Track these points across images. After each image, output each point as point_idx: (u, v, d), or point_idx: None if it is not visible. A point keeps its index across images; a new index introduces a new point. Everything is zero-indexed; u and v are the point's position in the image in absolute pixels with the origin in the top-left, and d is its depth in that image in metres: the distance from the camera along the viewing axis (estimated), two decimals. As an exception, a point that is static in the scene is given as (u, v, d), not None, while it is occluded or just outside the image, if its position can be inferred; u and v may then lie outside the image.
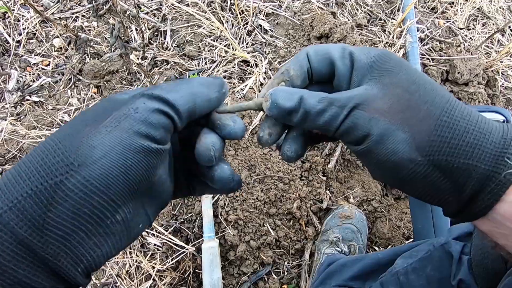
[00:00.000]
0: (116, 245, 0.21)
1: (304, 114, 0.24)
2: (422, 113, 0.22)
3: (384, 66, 0.24)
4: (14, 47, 1.00)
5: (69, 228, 0.19)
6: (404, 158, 0.22)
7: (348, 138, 0.24)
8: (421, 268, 0.50)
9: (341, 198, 0.87)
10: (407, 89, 0.23)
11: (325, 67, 0.26)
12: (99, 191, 0.19)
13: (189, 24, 1.06)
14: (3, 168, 0.86)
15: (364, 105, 0.23)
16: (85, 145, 0.19)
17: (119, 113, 0.21)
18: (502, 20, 1.21)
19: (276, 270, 0.81)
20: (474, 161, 0.21)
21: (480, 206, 0.22)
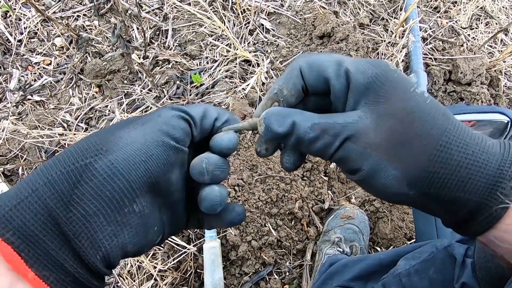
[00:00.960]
0: (133, 239, 0.22)
1: (297, 140, 0.24)
2: (415, 148, 0.22)
3: (381, 91, 0.23)
4: (16, 46, 1.00)
5: (91, 209, 0.21)
6: (396, 192, 0.23)
7: (342, 167, 0.25)
8: (424, 270, 0.50)
9: (343, 198, 0.87)
10: (402, 121, 0.22)
11: (321, 84, 0.25)
12: (121, 174, 0.21)
13: (191, 23, 1.05)
14: (5, 167, 0.86)
15: (356, 137, 0.22)
16: (114, 136, 0.23)
17: (145, 117, 0.25)
18: (505, 19, 1.21)
19: (277, 270, 0.81)
20: (466, 194, 0.22)
21: (474, 230, 0.22)
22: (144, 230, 0.23)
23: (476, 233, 0.22)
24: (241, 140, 0.89)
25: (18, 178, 0.87)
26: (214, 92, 0.96)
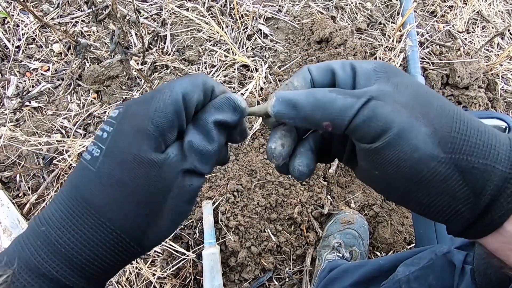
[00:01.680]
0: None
1: (314, 102, 0.22)
2: (438, 109, 0.21)
3: (388, 69, 0.24)
4: (14, 53, 1.00)
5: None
6: (426, 154, 0.20)
7: (362, 131, 0.22)
8: (423, 276, 0.50)
9: (342, 203, 0.87)
10: (418, 89, 0.22)
11: (327, 77, 0.25)
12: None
13: (189, 28, 1.06)
14: (2, 174, 0.86)
15: (383, 97, 0.21)
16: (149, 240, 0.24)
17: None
18: (501, 23, 1.22)
19: (277, 276, 0.81)
20: (491, 161, 0.20)
21: (498, 213, 0.20)
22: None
23: (498, 222, 0.21)
24: (240, 146, 0.89)
25: (16, 185, 0.87)
26: (213, 97, 0.96)
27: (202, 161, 0.24)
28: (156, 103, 0.22)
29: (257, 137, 0.91)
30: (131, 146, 0.22)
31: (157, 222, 0.23)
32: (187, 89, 0.23)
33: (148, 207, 0.23)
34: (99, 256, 0.22)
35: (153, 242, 0.24)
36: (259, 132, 0.92)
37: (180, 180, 0.23)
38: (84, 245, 0.22)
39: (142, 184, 0.22)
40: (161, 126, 0.22)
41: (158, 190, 0.23)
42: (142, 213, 0.23)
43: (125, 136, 0.22)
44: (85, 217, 0.22)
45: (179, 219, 0.24)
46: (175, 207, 0.24)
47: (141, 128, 0.22)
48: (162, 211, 0.23)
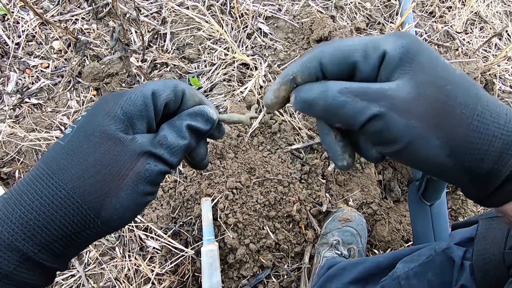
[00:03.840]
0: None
1: (325, 106, 0.22)
2: (456, 117, 0.21)
3: (417, 59, 0.21)
4: (13, 49, 1.00)
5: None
6: (435, 163, 0.22)
7: (373, 138, 0.23)
8: (423, 273, 0.50)
9: (340, 201, 0.87)
10: (443, 90, 0.21)
11: (344, 70, 0.23)
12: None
13: (189, 27, 1.06)
14: (1, 170, 0.85)
15: (397, 109, 0.21)
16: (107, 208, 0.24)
17: (130, 177, 0.24)
18: (499, 24, 1.23)
19: (275, 273, 0.80)
20: (500, 166, 0.22)
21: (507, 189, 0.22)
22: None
23: (508, 195, 0.22)
24: (239, 143, 0.90)
25: (15, 181, 0.86)
26: (212, 95, 0.97)
27: (170, 153, 0.25)
28: (127, 95, 0.25)
29: (256, 135, 0.91)
30: (101, 123, 0.24)
31: (116, 195, 0.23)
32: (157, 87, 0.26)
33: (108, 177, 0.23)
34: (53, 221, 0.22)
35: (112, 217, 0.24)
36: (258, 130, 0.92)
37: (144, 159, 0.24)
38: (39, 208, 0.22)
39: (105, 156, 0.23)
40: (129, 113, 0.25)
41: (120, 164, 0.24)
42: (101, 182, 0.23)
43: (96, 117, 0.24)
44: (45, 182, 0.22)
45: (139, 198, 0.24)
46: (135, 184, 0.24)
47: (111, 112, 0.24)
48: (122, 185, 0.24)
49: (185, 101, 0.28)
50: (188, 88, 0.28)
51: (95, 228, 0.23)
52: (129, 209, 0.24)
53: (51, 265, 0.23)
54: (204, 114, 0.27)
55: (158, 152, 0.25)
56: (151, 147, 0.25)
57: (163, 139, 0.25)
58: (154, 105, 0.26)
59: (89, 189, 0.23)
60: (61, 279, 0.76)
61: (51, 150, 0.24)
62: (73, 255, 0.25)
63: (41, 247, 0.22)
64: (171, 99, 0.27)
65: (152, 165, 0.25)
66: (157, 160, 0.25)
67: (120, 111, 0.24)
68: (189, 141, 0.26)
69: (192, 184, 0.84)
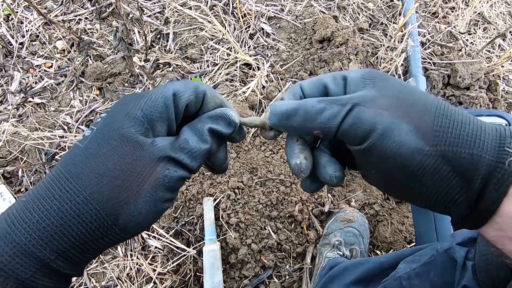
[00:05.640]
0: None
1: (304, 114, 0.24)
2: (420, 108, 0.23)
3: (374, 75, 0.26)
4: (17, 49, 1.01)
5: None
6: (412, 148, 0.22)
7: (351, 135, 0.24)
8: (425, 273, 0.50)
9: (342, 202, 0.87)
10: (401, 91, 0.24)
11: (319, 91, 0.27)
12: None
13: (192, 27, 1.06)
14: (5, 169, 0.86)
15: (366, 102, 0.24)
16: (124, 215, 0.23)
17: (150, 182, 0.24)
18: (502, 25, 1.22)
19: (277, 273, 0.80)
20: (478, 151, 0.21)
21: (488, 201, 0.21)
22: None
23: (489, 210, 0.22)
24: (241, 143, 0.90)
25: (18, 180, 0.87)
26: (215, 95, 0.97)
27: (191, 157, 0.24)
28: (148, 96, 0.24)
29: (258, 135, 0.91)
30: (120, 126, 0.23)
31: (135, 201, 0.23)
32: (178, 88, 0.25)
33: (126, 183, 0.22)
34: (71, 227, 0.21)
35: (129, 224, 0.23)
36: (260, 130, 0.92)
37: (164, 165, 0.23)
38: (57, 213, 0.21)
39: (124, 160, 0.23)
40: (149, 115, 0.24)
41: (139, 169, 0.23)
42: (120, 188, 0.22)
43: (115, 119, 0.24)
44: (64, 187, 0.22)
45: (157, 205, 0.24)
46: (154, 191, 0.23)
47: (131, 113, 0.24)
48: (140, 192, 0.23)
49: (205, 102, 0.27)
50: (209, 90, 0.27)
51: (112, 236, 0.23)
52: (147, 216, 0.23)
53: (68, 272, 0.23)
54: (226, 117, 0.26)
55: (178, 157, 0.24)
56: (171, 152, 0.24)
57: (184, 143, 0.24)
58: (175, 106, 0.25)
59: (107, 195, 0.22)
60: (63, 278, 0.76)
61: (70, 152, 0.24)
62: (89, 261, 0.24)
63: (58, 254, 0.22)
64: (192, 101, 0.26)
65: (172, 170, 0.24)
66: (177, 165, 0.24)
67: (140, 112, 0.23)
68: (210, 145, 0.25)
69: (194, 184, 0.84)
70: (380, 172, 0.24)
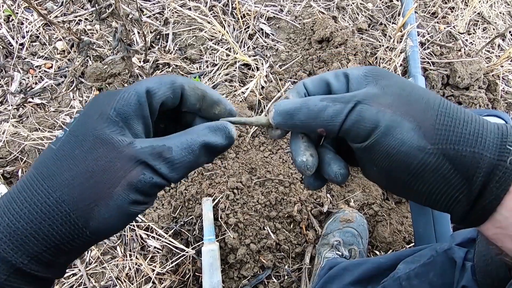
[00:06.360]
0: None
1: (307, 112, 0.25)
2: (422, 106, 0.23)
3: (377, 73, 0.26)
4: (17, 50, 1.01)
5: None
6: (413, 147, 0.22)
7: (353, 133, 0.24)
8: (424, 273, 0.49)
9: (341, 202, 0.87)
10: (404, 88, 0.24)
11: (322, 88, 0.27)
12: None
13: (191, 27, 1.06)
14: (4, 169, 0.86)
15: (368, 100, 0.24)
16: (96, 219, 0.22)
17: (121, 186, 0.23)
18: (502, 25, 1.22)
19: (276, 273, 0.80)
20: (479, 149, 0.21)
21: (489, 198, 0.21)
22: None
23: (490, 208, 0.22)
24: (240, 143, 0.90)
25: (18, 180, 0.87)
26: (214, 95, 0.97)
27: (171, 168, 0.23)
28: (121, 93, 0.24)
29: (257, 135, 0.91)
30: (94, 127, 0.22)
31: (105, 203, 0.22)
32: (152, 84, 0.24)
33: (98, 185, 0.22)
34: (41, 230, 0.21)
35: (100, 225, 0.22)
36: (259, 131, 0.92)
37: (140, 169, 0.22)
38: (27, 216, 0.21)
39: (97, 162, 0.22)
40: (122, 114, 0.23)
41: (112, 171, 0.22)
42: (90, 189, 0.22)
43: (88, 120, 0.23)
44: (35, 189, 0.21)
45: (129, 209, 0.23)
46: (126, 193, 0.22)
47: (104, 112, 0.23)
48: (112, 194, 0.22)
49: (186, 96, 0.26)
50: (187, 83, 0.26)
51: (84, 238, 0.22)
52: (119, 218, 0.23)
53: (43, 275, 0.22)
54: (226, 130, 0.25)
55: (155, 166, 0.22)
56: (149, 157, 0.22)
57: (166, 152, 0.23)
58: (149, 103, 0.24)
59: (78, 197, 0.21)
60: (62, 278, 0.76)
61: (43, 155, 0.23)
62: (67, 263, 0.24)
63: (30, 258, 0.21)
64: (169, 97, 0.25)
65: (148, 176, 0.22)
66: (154, 173, 0.23)
67: (113, 112, 0.23)
68: (197, 159, 0.24)
69: (193, 184, 0.84)
70: (381, 170, 0.24)
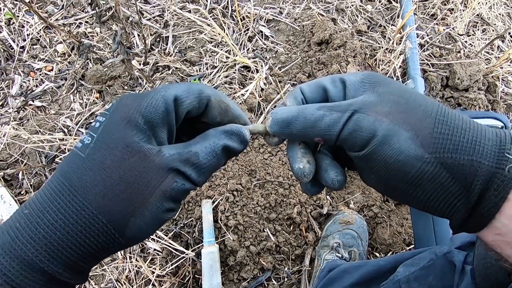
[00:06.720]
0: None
1: (304, 122, 0.24)
2: (419, 114, 0.23)
3: (374, 80, 0.26)
4: (18, 53, 1.02)
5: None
6: (411, 156, 0.22)
7: (351, 142, 0.24)
8: (423, 277, 0.49)
9: (341, 204, 0.87)
10: (401, 96, 0.24)
11: (319, 94, 0.27)
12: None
13: (191, 30, 1.07)
14: (5, 172, 0.86)
15: (365, 109, 0.24)
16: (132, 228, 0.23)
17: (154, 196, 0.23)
18: (501, 26, 1.22)
19: (276, 275, 0.80)
20: (477, 157, 0.21)
21: (488, 206, 0.21)
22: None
23: (488, 216, 0.22)
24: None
25: (18, 183, 0.87)
26: (214, 97, 0.97)
27: (199, 172, 0.24)
28: (148, 99, 0.23)
29: (257, 138, 0.92)
30: (123, 136, 0.22)
31: (141, 214, 0.23)
32: (181, 92, 0.24)
33: (133, 195, 0.22)
34: (78, 241, 0.21)
35: (136, 235, 0.23)
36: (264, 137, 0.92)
37: (172, 177, 0.23)
38: (63, 228, 0.21)
39: (131, 172, 0.22)
40: (150, 121, 0.23)
41: (146, 181, 0.22)
42: (126, 201, 0.22)
43: (116, 126, 0.23)
44: (68, 200, 0.21)
45: (162, 215, 0.24)
46: (160, 202, 0.23)
47: (132, 120, 0.23)
48: (147, 204, 0.23)
49: (210, 107, 0.26)
50: (214, 94, 0.26)
51: (119, 246, 0.23)
52: (153, 227, 0.24)
53: (74, 282, 0.23)
54: (240, 134, 0.26)
55: (186, 172, 0.23)
56: (180, 164, 0.23)
57: (194, 158, 0.24)
58: (175, 112, 0.24)
59: (114, 209, 0.22)
60: (62, 280, 0.77)
61: (71, 162, 0.23)
62: (92, 268, 0.25)
63: (65, 267, 0.22)
64: (195, 106, 0.25)
65: (180, 183, 0.23)
66: (185, 179, 0.24)
67: (142, 119, 0.23)
68: (219, 162, 0.25)
69: (193, 186, 0.84)
70: (379, 178, 0.24)
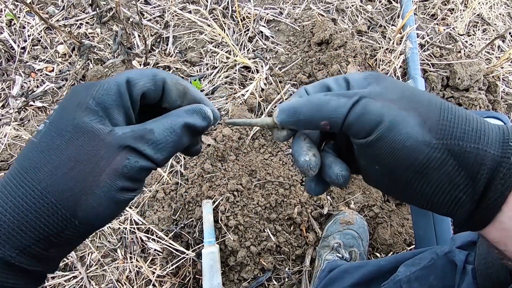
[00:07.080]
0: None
1: (311, 106, 0.25)
2: (425, 103, 0.23)
3: (377, 76, 0.26)
4: (19, 54, 1.02)
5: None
6: (419, 141, 0.22)
7: (357, 127, 0.23)
8: (424, 276, 0.49)
9: (342, 204, 0.87)
10: (405, 89, 0.25)
11: (323, 92, 0.27)
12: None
13: (191, 30, 1.07)
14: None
15: (372, 96, 0.24)
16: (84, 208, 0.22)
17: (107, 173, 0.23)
18: (502, 26, 1.22)
19: (276, 276, 0.80)
20: (483, 145, 0.21)
21: (494, 196, 0.21)
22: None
23: (494, 208, 0.21)
24: (240, 146, 0.90)
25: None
26: (214, 98, 0.97)
27: (155, 149, 0.23)
28: (100, 84, 0.24)
29: (257, 138, 0.92)
30: (73, 117, 0.22)
31: (92, 192, 0.22)
32: (133, 75, 0.25)
33: (82, 174, 0.22)
34: (28, 222, 0.21)
35: (89, 215, 0.22)
36: (259, 133, 0.92)
37: (124, 154, 0.22)
38: (13, 209, 0.21)
39: (79, 151, 0.22)
40: (102, 103, 0.23)
41: (96, 159, 0.22)
42: (75, 179, 0.21)
43: (67, 110, 0.23)
44: (19, 182, 0.21)
45: (118, 195, 0.23)
46: (112, 180, 0.22)
47: (82, 102, 0.23)
48: (98, 182, 0.22)
49: (167, 90, 0.26)
50: (169, 77, 0.26)
51: (74, 228, 0.22)
52: (108, 207, 0.23)
53: (34, 269, 0.22)
54: (201, 112, 0.26)
55: (139, 147, 0.23)
56: (132, 141, 0.23)
57: (149, 134, 0.23)
58: (129, 94, 0.24)
59: (62, 187, 0.21)
60: (63, 281, 0.77)
61: (25, 149, 0.23)
62: (59, 257, 0.24)
63: (19, 251, 0.21)
64: (150, 89, 0.25)
65: (133, 160, 0.23)
66: (139, 156, 0.23)
67: (92, 101, 0.23)
68: (179, 139, 0.25)
69: (194, 186, 0.84)
70: (383, 168, 0.24)
